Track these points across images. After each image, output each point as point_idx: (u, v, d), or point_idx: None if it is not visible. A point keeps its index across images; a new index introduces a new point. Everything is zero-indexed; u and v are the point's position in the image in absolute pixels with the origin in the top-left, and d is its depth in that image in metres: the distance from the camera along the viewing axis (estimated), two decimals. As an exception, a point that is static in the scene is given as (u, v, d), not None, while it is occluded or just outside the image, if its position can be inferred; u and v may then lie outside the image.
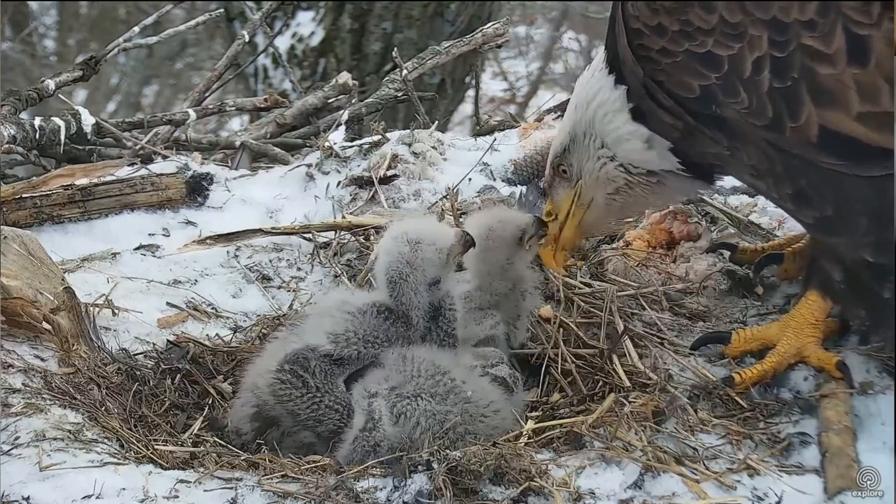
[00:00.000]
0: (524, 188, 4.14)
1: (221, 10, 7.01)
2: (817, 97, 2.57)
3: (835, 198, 2.66)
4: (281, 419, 2.86)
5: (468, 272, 3.24)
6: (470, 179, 4.17)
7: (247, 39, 5.91)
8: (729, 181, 3.88)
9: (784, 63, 2.59)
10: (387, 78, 5.37)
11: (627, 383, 2.93)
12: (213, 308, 3.56)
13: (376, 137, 4.42)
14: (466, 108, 9.73)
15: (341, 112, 4.96)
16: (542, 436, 2.75)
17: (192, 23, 6.03)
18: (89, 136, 4.72)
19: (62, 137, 4.56)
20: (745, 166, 2.84)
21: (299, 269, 3.81)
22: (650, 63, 2.80)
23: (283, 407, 2.83)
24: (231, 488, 2.52)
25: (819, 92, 2.57)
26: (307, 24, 8.27)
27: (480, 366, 2.94)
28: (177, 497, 2.49)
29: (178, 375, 3.19)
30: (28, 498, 2.43)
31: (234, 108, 5.60)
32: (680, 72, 2.74)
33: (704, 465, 2.57)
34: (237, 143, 4.99)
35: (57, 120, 4.57)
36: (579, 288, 3.41)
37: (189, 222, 4.08)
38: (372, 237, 3.81)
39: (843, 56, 2.54)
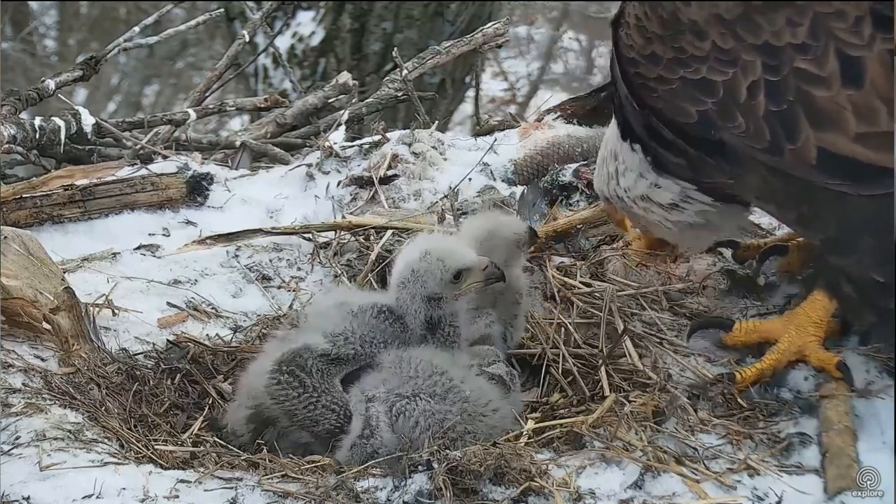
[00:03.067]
0: (524, 188, 4.14)
1: (221, 10, 7.00)
2: (814, 119, 2.59)
3: (837, 219, 2.68)
4: (278, 420, 2.85)
5: None
6: (470, 179, 4.17)
7: (247, 39, 5.90)
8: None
9: (779, 87, 2.62)
10: (387, 78, 5.37)
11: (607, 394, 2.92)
12: (213, 308, 3.55)
13: (376, 137, 4.42)
14: (466, 108, 9.73)
15: (341, 112, 4.96)
16: (542, 436, 2.75)
17: (193, 23, 6.03)
18: (89, 136, 4.72)
19: (62, 137, 4.56)
20: (750, 190, 2.86)
21: (299, 269, 3.80)
22: (647, 91, 2.83)
23: (280, 407, 2.83)
24: (231, 488, 2.52)
25: (816, 114, 2.58)
26: (307, 24, 8.28)
27: (477, 364, 2.94)
28: (177, 497, 2.49)
29: (178, 375, 3.19)
30: (28, 498, 2.43)
31: (234, 108, 5.60)
32: (677, 99, 2.77)
33: (704, 465, 2.57)
34: (237, 143, 4.99)
35: (57, 120, 4.56)
36: (578, 288, 3.41)
37: (189, 222, 4.08)
38: (372, 237, 3.81)
39: (838, 78, 2.56)
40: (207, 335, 3.41)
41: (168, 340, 3.33)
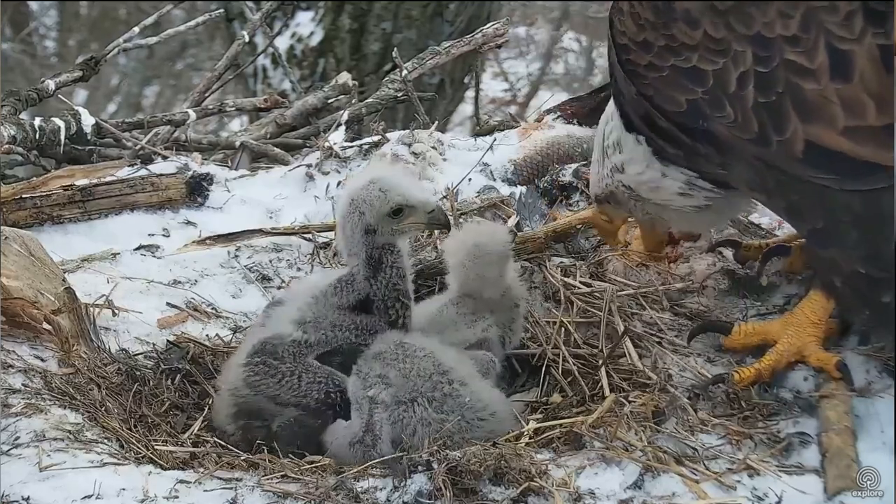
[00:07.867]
0: (523, 189, 4.14)
1: (221, 10, 7.01)
2: (802, 112, 2.59)
3: (824, 211, 2.67)
4: (263, 409, 2.86)
5: (450, 282, 3.24)
6: (470, 179, 4.17)
7: (246, 40, 5.90)
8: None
9: (768, 78, 2.62)
10: (386, 78, 5.37)
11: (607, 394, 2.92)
12: (212, 308, 3.56)
13: (376, 138, 4.42)
14: (466, 108, 9.74)
15: (341, 112, 4.96)
16: (542, 436, 2.75)
17: (192, 23, 6.04)
18: (89, 137, 4.72)
19: (62, 138, 4.56)
20: (742, 180, 2.86)
21: (299, 269, 3.81)
22: (638, 78, 2.84)
23: (262, 394, 2.85)
24: (231, 488, 2.52)
25: (804, 106, 2.58)
26: (306, 25, 8.28)
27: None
28: (177, 497, 2.49)
29: (178, 376, 3.19)
30: (28, 498, 2.43)
31: (233, 109, 5.60)
32: (667, 87, 2.77)
33: (704, 465, 2.56)
34: (237, 144, 4.99)
35: (57, 120, 4.57)
36: (578, 288, 3.40)
37: (189, 222, 4.08)
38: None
39: (826, 71, 2.56)
40: (207, 335, 3.41)
41: (168, 341, 3.33)
